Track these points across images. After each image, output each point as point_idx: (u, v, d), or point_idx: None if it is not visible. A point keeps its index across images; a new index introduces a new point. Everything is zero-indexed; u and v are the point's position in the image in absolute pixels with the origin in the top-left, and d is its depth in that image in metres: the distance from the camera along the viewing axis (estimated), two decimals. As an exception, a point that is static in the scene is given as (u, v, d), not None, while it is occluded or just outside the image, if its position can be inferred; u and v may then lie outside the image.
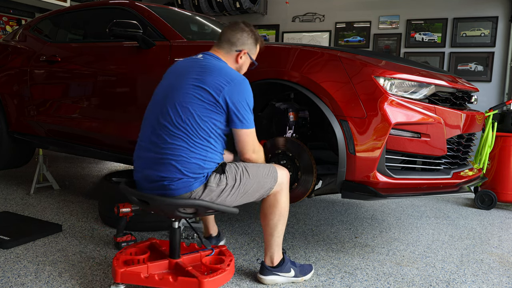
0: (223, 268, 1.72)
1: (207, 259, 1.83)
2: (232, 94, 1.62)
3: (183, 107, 1.62)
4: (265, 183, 1.75)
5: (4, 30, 5.86)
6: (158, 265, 1.75)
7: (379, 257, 2.32)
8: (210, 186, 1.65)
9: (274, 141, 2.16)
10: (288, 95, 2.38)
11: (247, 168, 1.73)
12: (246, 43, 1.83)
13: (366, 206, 3.41)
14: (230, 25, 1.86)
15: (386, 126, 1.87)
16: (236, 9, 6.14)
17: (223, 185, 1.67)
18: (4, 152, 3.54)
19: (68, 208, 3.02)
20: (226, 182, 1.67)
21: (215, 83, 1.62)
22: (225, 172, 1.67)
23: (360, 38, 5.87)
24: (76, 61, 3.02)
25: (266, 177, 1.75)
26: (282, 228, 1.86)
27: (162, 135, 1.63)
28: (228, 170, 1.69)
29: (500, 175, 3.51)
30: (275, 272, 1.89)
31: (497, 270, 2.23)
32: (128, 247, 1.88)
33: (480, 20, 5.22)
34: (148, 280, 1.64)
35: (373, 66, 1.93)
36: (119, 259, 1.74)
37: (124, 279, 1.66)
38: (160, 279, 1.63)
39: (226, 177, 1.67)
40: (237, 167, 1.72)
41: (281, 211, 1.82)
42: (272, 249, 1.88)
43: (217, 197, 1.67)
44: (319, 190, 2.33)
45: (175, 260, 1.77)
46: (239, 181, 1.69)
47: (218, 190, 1.66)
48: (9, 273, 1.95)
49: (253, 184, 1.72)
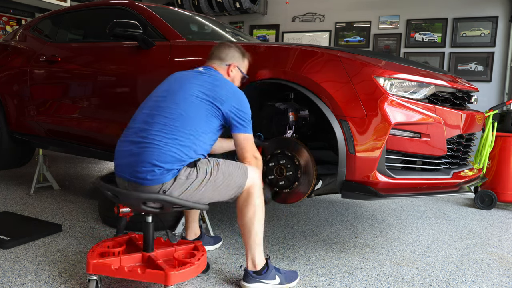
0: (193, 262, 1.76)
1: (179, 253, 1.88)
2: (233, 104, 1.78)
3: (180, 104, 1.74)
4: (235, 179, 1.76)
5: (4, 30, 5.86)
6: (131, 258, 1.82)
7: (379, 257, 2.32)
8: (179, 178, 1.67)
9: (274, 141, 2.16)
10: (288, 95, 2.38)
11: (218, 163, 1.76)
12: (234, 57, 1.99)
13: (366, 206, 3.41)
14: (217, 45, 2.03)
15: (386, 126, 1.87)
16: (236, 9, 6.14)
17: (193, 179, 1.68)
18: (4, 152, 3.54)
19: (68, 208, 3.02)
20: (196, 175, 1.69)
21: (218, 93, 1.78)
22: (196, 166, 1.70)
23: (360, 38, 5.87)
24: (76, 61, 3.02)
25: (237, 172, 1.77)
26: (259, 226, 1.83)
27: (150, 129, 1.70)
28: (200, 164, 1.72)
29: (500, 175, 3.51)
30: (259, 280, 1.84)
31: (497, 270, 2.23)
32: (105, 240, 1.93)
33: (480, 20, 5.22)
34: (118, 271, 1.71)
35: (373, 66, 1.93)
36: (95, 251, 1.79)
37: (96, 270, 1.73)
38: (129, 271, 1.70)
39: (197, 170, 1.70)
40: (209, 162, 1.75)
41: (255, 205, 1.80)
42: (252, 250, 1.84)
43: (185, 190, 1.68)
44: (319, 190, 2.33)
45: (148, 253, 1.82)
46: (209, 175, 1.71)
47: (187, 183, 1.68)
48: (9, 273, 1.95)
49: (223, 180, 1.74)
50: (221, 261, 2.17)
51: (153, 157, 1.64)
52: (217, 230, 2.64)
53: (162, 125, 1.69)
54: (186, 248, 1.94)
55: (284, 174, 2.11)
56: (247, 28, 6.62)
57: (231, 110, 1.77)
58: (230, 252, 2.29)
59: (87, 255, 1.82)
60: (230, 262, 2.16)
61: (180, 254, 1.87)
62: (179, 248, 1.92)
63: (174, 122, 1.70)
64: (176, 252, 1.88)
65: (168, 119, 1.71)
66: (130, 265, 1.75)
